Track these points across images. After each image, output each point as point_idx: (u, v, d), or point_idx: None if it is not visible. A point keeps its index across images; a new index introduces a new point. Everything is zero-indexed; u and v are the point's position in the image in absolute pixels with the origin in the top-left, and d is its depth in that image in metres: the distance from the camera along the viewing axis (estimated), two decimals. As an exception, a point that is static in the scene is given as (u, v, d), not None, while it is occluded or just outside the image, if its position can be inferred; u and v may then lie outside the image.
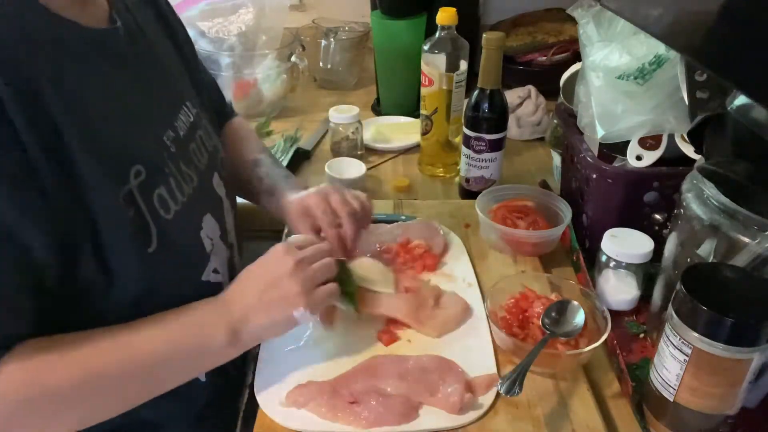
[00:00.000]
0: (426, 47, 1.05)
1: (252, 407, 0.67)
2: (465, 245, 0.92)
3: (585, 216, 0.93)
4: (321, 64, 1.51)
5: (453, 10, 1.02)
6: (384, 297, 0.77)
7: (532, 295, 0.77)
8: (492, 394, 0.67)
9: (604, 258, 0.81)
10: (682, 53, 0.66)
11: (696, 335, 0.56)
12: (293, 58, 1.39)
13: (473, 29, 1.37)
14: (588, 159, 0.87)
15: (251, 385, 0.69)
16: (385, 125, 1.30)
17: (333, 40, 1.50)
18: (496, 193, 0.96)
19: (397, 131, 1.28)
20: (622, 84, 0.81)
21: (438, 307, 0.77)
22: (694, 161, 0.75)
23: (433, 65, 1.05)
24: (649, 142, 0.83)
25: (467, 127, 1.01)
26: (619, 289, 0.81)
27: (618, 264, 0.80)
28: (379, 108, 1.42)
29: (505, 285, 0.79)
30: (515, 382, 0.63)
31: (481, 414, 0.65)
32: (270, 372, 0.70)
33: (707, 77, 0.68)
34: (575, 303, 0.74)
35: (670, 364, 0.60)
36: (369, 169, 1.14)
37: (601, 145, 0.86)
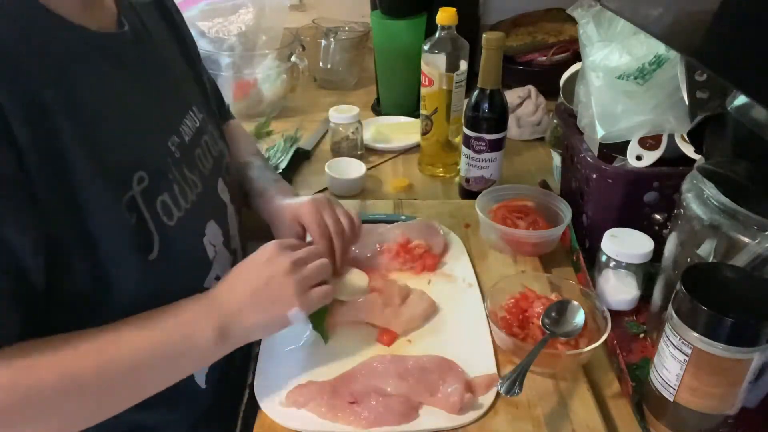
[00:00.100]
0: (426, 47, 1.05)
1: (252, 407, 0.67)
2: (465, 245, 0.92)
3: (585, 216, 0.93)
4: (321, 64, 1.51)
5: (453, 10, 1.02)
6: (351, 303, 0.77)
7: (532, 295, 0.77)
8: (492, 394, 0.67)
9: (604, 258, 0.81)
10: (682, 53, 0.66)
11: (696, 335, 0.56)
12: (293, 58, 1.39)
13: (473, 29, 1.37)
14: (588, 159, 0.87)
15: (251, 385, 0.69)
16: (385, 125, 1.30)
17: (333, 40, 1.50)
18: (496, 193, 0.96)
19: (397, 131, 1.28)
20: (622, 84, 0.81)
21: (404, 306, 0.77)
22: (694, 161, 0.75)
23: (433, 65, 1.05)
24: (649, 142, 0.83)
25: (467, 127, 1.01)
26: (619, 289, 0.81)
27: (618, 264, 0.80)
28: (379, 108, 1.42)
29: (505, 285, 0.79)
30: (515, 382, 0.63)
31: (481, 414, 0.65)
32: (270, 372, 0.70)
33: (707, 77, 0.68)
34: (575, 303, 0.75)
35: (670, 364, 0.60)
36: (369, 169, 1.14)
37: (601, 145, 0.86)
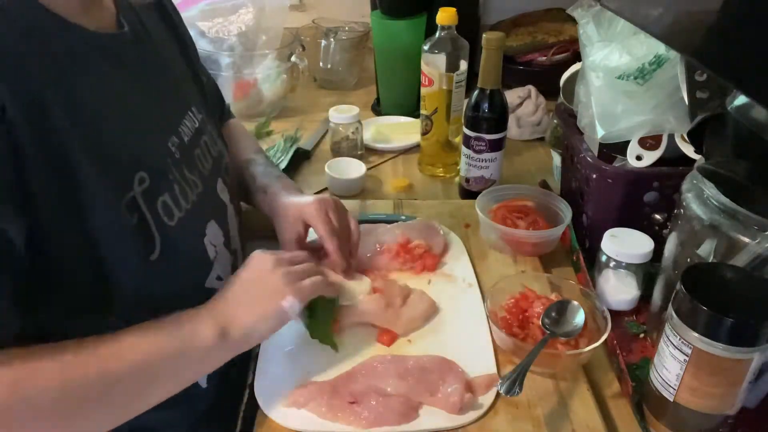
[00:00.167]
0: (426, 47, 1.05)
1: (252, 407, 0.67)
2: (465, 245, 0.92)
3: (585, 216, 0.93)
4: (321, 64, 1.51)
5: (453, 10, 1.02)
6: (353, 304, 0.77)
7: (532, 295, 0.77)
8: (492, 394, 0.67)
9: (604, 258, 0.81)
10: (682, 53, 0.66)
11: (696, 335, 0.56)
12: (293, 58, 1.39)
13: (473, 29, 1.37)
14: (588, 159, 0.87)
15: (251, 385, 0.69)
16: (385, 125, 1.30)
17: (333, 40, 1.50)
18: (496, 193, 0.96)
19: (397, 131, 1.28)
20: (622, 84, 0.81)
21: (404, 306, 0.77)
22: (694, 161, 0.75)
23: (433, 65, 1.05)
24: (649, 142, 0.83)
25: (467, 127, 1.01)
26: (619, 289, 0.81)
27: (618, 264, 0.80)
28: (379, 108, 1.42)
29: (505, 285, 0.79)
30: (515, 382, 0.63)
31: (481, 414, 0.65)
32: (270, 372, 0.70)
33: (707, 77, 0.68)
34: (575, 303, 0.75)
35: (670, 364, 0.60)
36: (369, 169, 1.14)
37: (601, 145, 0.86)
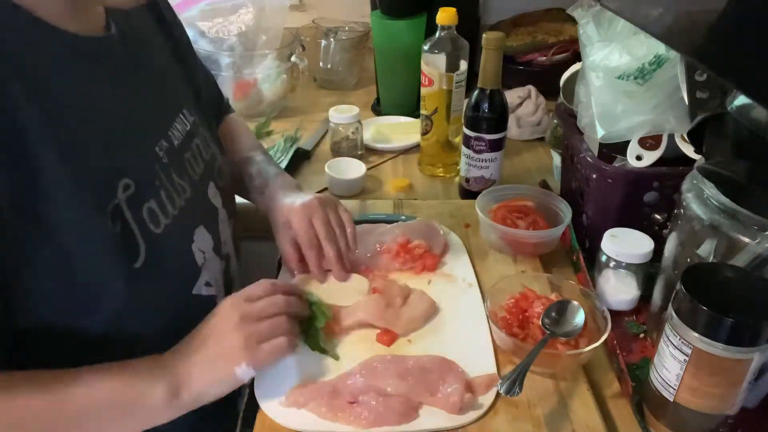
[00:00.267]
0: (426, 47, 1.05)
1: (252, 407, 0.67)
2: (465, 245, 0.92)
3: (585, 216, 0.93)
4: (321, 64, 1.51)
5: (453, 10, 1.02)
6: (353, 305, 0.77)
7: (532, 295, 0.77)
8: (492, 394, 0.67)
9: (604, 258, 0.81)
10: (682, 53, 0.66)
11: (696, 335, 0.56)
12: (293, 58, 1.39)
13: (473, 29, 1.37)
14: (588, 159, 0.87)
15: (251, 385, 0.69)
16: (385, 125, 1.30)
17: (333, 40, 1.50)
18: (496, 193, 0.96)
19: (397, 131, 1.28)
20: (622, 84, 0.81)
21: (404, 306, 0.77)
22: (694, 161, 0.75)
23: (433, 65, 1.05)
24: (649, 142, 0.83)
25: (467, 127, 1.01)
26: (619, 289, 0.81)
27: (618, 264, 0.80)
28: (379, 108, 1.42)
29: (505, 285, 0.79)
30: (515, 382, 0.63)
31: (481, 414, 0.65)
32: (270, 372, 0.70)
33: (707, 77, 0.68)
34: (575, 303, 0.75)
35: (670, 364, 0.60)
36: (369, 169, 1.14)
37: (601, 145, 0.86)
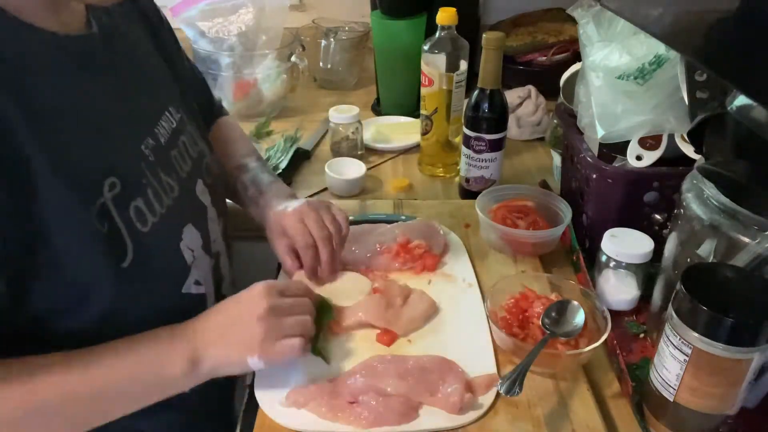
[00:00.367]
0: (426, 47, 1.05)
1: (252, 407, 0.67)
2: (465, 245, 0.92)
3: (585, 216, 0.93)
4: (321, 64, 1.51)
5: (453, 10, 1.02)
6: (353, 305, 0.77)
7: (532, 295, 0.77)
8: (492, 394, 0.67)
9: (604, 258, 0.81)
10: (682, 53, 0.67)
11: (696, 335, 0.56)
12: (293, 58, 1.39)
13: (473, 29, 1.37)
14: (588, 159, 0.87)
15: (251, 385, 0.69)
16: (385, 125, 1.30)
17: (333, 40, 1.50)
18: (496, 193, 0.96)
19: (397, 131, 1.28)
20: (622, 84, 0.81)
21: (405, 306, 0.77)
22: (694, 161, 0.75)
23: (433, 65, 1.05)
24: (649, 142, 0.83)
25: (467, 127, 1.01)
26: (619, 289, 0.81)
27: (618, 264, 0.80)
28: (379, 108, 1.42)
29: (505, 285, 0.79)
30: (515, 382, 0.63)
31: (481, 414, 0.65)
32: (270, 372, 0.69)
33: (707, 77, 0.68)
34: (575, 303, 0.75)
35: (670, 364, 0.60)
36: (369, 169, 1.14)
37: (601, 145, 0.86)
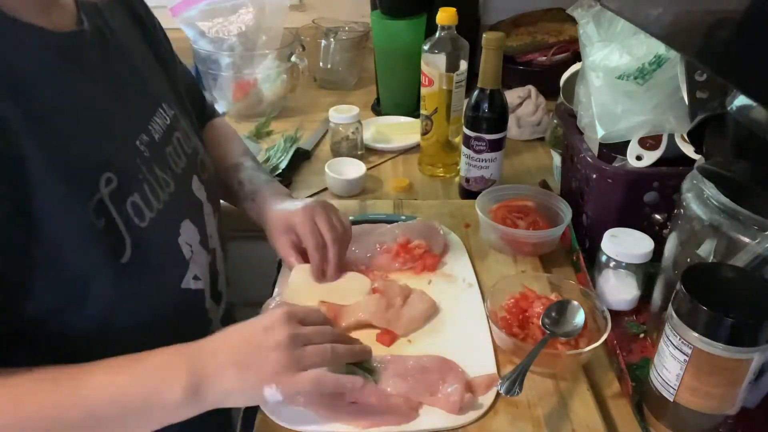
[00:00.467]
0: (426, 47, 1.05)
1: (252, 407, 0.67)
2: (465, 245, 0.92)
3: (585, 216, 0.93)
4: (321, 64, 1.51)
5: (453, 10, 1.02)
6: (353, 305, 0.77)
7: (532, 295, 0.77)
8: (492, 394, 0.67)
9: (604, 258, 0.81)
10: (682, 53, 0.67)
11: (696, 335, 0.56)
12: (293, 58, 1.39)
13: (473, 29, 1.37)
14: (588, 159, 0.87)
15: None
16: (385, 125, 1.30)
17: (333, 40, 1.50)
18: (496, 193, 0.96)
19: (397, 131, 1.28)
20: (622, 84, 0.81)
21: (405, 306, 0.77)
22: (694, 161, 0.75)
23: (433, 65, 1.05)
24: (649, 142, 0.83)
25: (467, 127, 1.01)
26: (619, 289, 0.81)
27: (618, 264, 0.80)
28: (379, 108, 1.42)
29: (505, 285, 0.79)
30: (515, 382, 0.63)
31: (481, 414, 0.65)
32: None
33: (707, 77, 0.68)
34: (575, 303, 0.75)
35: (670, 364, 0.60)
36: (369, 169, 1.14)
37: (601, 145, 0.86)
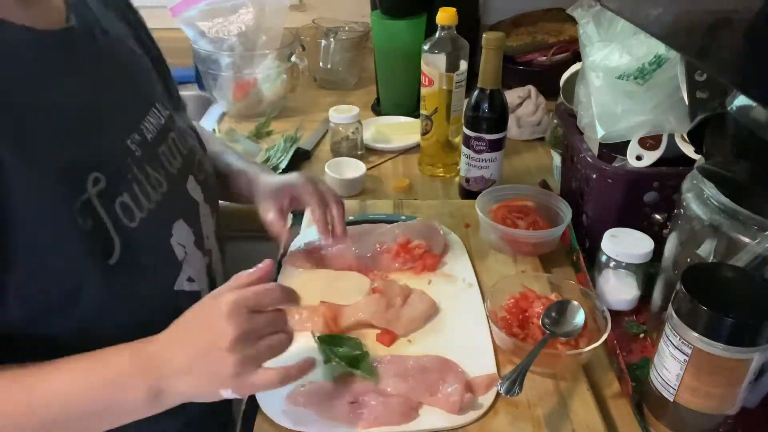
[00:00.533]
0: (426, 47, 1.05)
1: (252, 407, 0.67)
2: (465, 245, 0.92)
3: (585, 216, 0.93)
4: (321, 64, 1.51)
5: (453, 10, 1.02)
6: (353, 305, 0.77)
7: (532, 295, 0.77)
8: (492, 394, 0.67)
9: (604, 258, 0.81)
10: (682, 53, 0.67)
11: (696, 335, 0.56)
12: (293, 58, 1.39)
13: (473, 29, 1.37)
14: (588, 159, 0.87)
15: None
16: (385, 125, 1.30)
17: (333, 40, 1.50)
18: (496, 193, 0.96)
19: (397, 131, 1.28)
20: (622, 84, 0.81)
21: (405, 306, 0.77)
22: (694, 161, 0.75)
23: (433, 65, 1.05)
24: (649, 142, 0.83)
25: (467, 127, 1.01)
26: (619, 289, 0.81)
27: (618, 264, 0.80)
28: (379, 108, 1.42)
29: (505, 285, 0.79)
30: (515, 382, 0.63)
31: (481, 414, 0.65)
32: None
33: (707, 77, 0.68)
34: (575, 303, 0.75)
35: (670, 364, 0.60)
36: (369, 169, 1.14)
37: (601, 145, 0.86)
